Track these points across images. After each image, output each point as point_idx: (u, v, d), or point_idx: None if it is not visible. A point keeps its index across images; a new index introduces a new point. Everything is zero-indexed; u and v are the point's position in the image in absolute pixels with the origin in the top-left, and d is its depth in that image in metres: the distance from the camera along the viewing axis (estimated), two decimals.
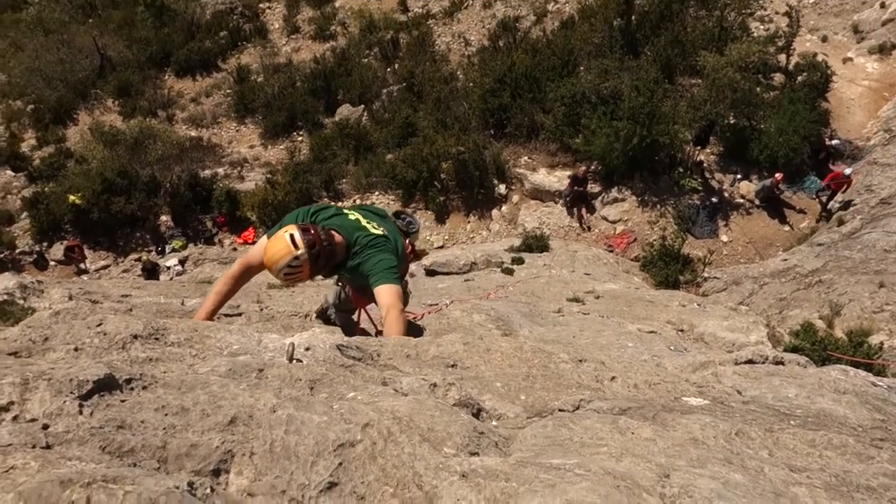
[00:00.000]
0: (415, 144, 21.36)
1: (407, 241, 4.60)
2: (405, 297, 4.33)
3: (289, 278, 3.72)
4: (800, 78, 21.30)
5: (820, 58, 22.07)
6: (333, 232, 3.88)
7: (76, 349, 2.20)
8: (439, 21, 28.67)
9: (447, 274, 14.56)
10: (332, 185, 22.37)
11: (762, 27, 23.62)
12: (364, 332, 4.98)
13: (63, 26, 31.60)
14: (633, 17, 22.74)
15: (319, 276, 4.24)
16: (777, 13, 23.85)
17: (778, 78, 21.73)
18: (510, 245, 17.21)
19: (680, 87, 21.37)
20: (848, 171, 18.26)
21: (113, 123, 25.69)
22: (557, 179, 20.26)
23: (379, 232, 4.05)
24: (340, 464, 1.51)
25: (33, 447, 1.36)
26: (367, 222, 4.10)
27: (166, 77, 29.67)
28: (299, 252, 3.60)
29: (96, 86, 28.94)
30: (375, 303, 4.19)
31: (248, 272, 4.07)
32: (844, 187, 18.42)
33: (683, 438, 1.97)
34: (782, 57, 21.74)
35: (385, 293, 3.82)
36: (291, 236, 3.62)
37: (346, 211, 4.19)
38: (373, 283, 3.86)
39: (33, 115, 27.99)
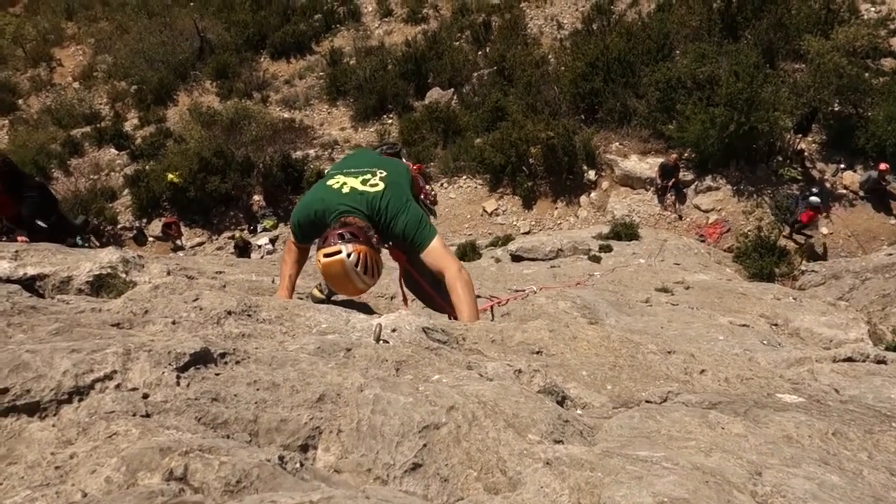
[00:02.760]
0: (504, 129, 21.23)
1: (405, 161, 4.42)
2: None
3: (369, 272, 3.46)
4: None
5: None
6: (349, 221, 3.58)
7: (174, 322, 2.28)
8: (532, 4, 28.38)
9: (533, 260, 14.49)
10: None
11: (873, 9, 22.45)
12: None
13: (166, 9, 32.73)
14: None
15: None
16: None
17: (889, 63, 20.63)
18: (598, 232, 16.99)
19: (782, 73, 20.56)
20: None
21: (210, 104, 26.48)
22: (649, 166, 19.84)
23: (380, 186, 3.79)
24: (425, 445, 1.52)
25: (134, 415, 1.42)
26: (362, 181, 3.82)
27: (262, 59, 30.36)
28: (343, 251, 3.37)
29: (195, 67, 29.87)
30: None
31: (303, 252, 4.08)
32: None
33: (777, 436, 1.91)
34: (894, 41, 20.62)
35: (433, 256, 3.72)
36: (326, 255, 3.40)
37: (333, 186, 3.85)
38: (417, 247, 3.74)
39: (136, 95, 29.11)
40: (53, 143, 26.34)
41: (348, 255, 3.37)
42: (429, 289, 4.42)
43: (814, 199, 17.14)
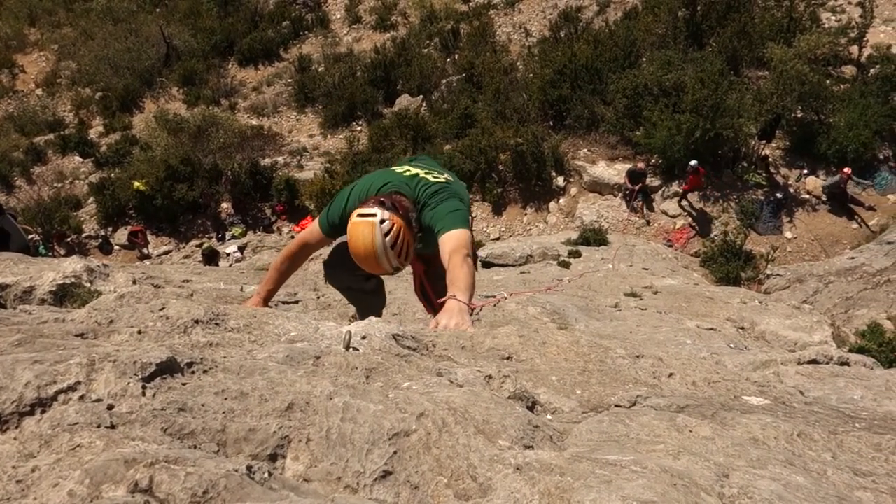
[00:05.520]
0: (473, 135, 21.32)
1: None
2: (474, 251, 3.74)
3: (398, 249, 3.23)
4: (872, 71, 20.58)
5: (895, 49, 21.29)
6: (395, 195, 3.37)
7: (140, 332, 2.26)
8: (500, 11, 28.55)
9: (503, 266, 14.54)
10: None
11: (833, 18, 22.88)
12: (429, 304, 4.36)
13: (131, 15, 32.42)
14: (699, 8, 22.30)
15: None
16: (850, 3, 23.06)
17: (849, 70, 21.06)
18: (567, 238, 17.10)
19: (746, 80, 20.90)
20: None
21: (177, 111, 26.28)
22: (617, 172, 20.02)
23: (441, 179, 3.62)
24: (395, 453, 1.52)
25: (98, 427, 1.39)
26: (426, 172, 3.66)
27: (230, 66, 30.19)
28: (378, 214, 3.17)
29: (162, 74, 29.61)
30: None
31: (306, 249, 3.89)
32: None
33: (743, 438, 1.93)
34: (854, 49, 21.04)
35: (448, 240, 3.36)
36: (360, 215, 3.22)
37: (396, 169, 3.75)
38: (437, 231, 3.41)
39: (101, 102, 28.79)
40: (16, 150, 25.94)
41: (381, 221, 3.16)
42: (437, 303, 4.15)
43: (693, 162, 17.85)
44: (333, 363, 2.06)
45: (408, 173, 3.61)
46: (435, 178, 3.60)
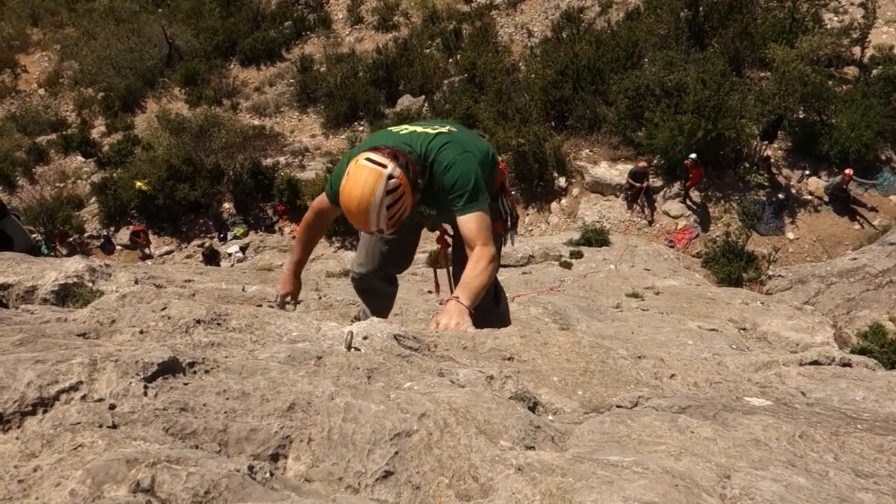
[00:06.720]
0: None
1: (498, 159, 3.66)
2: (498, 243, 3.47)
3: (392, 212, 3.00)
4: (875, 71, 20.56)
5: None
6: (410, 157, 3.11)
7: (142, 332, 2.26)
8: (502, 12, 28.53)
9: (504, 266, 14.52)
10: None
11: (836, 19, 22.86)
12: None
13: (133, 15, 32.42)
14: (701, 9, 22.28)
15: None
16: (852, 4, 23.03)
17: (851, 71, 21.05)
18: (569, 239, 17.09)
19: (748, 81, 20.89)
20: None
21: (179, 111, 26.27)
22: (619, 173, 20.02)
23: (444, 130, 3.34)
24: (396, 453, 1.52)
25: (100, 426, 1.39)
26: (424, 127, 3.39)
27: (231, 66, 30.18)
28: (389, 168, 2.93)
29: (164, 74, 29.62)
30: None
31: (319, 216, 3.71)
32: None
33: (745, 439, 1.93)
34: (856, 49, 21.04)
35: (466, 225, 3.17)
36: (369, 159, 2.97)
37: (392, 129, 3.50)
38: (454, 209, 3.20)
39: (103, 102, 28.79)
40: (18, 150, 25.94)
41: (390, 177, 2.94)
42: (441, 300, 3.92)
43: (692, 155, 17.92)
44: (335, 363, 2.06)
45: (405, 131, 3.37)
46: (435, 129, 3.35)
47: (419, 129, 3.38)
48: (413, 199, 3.08)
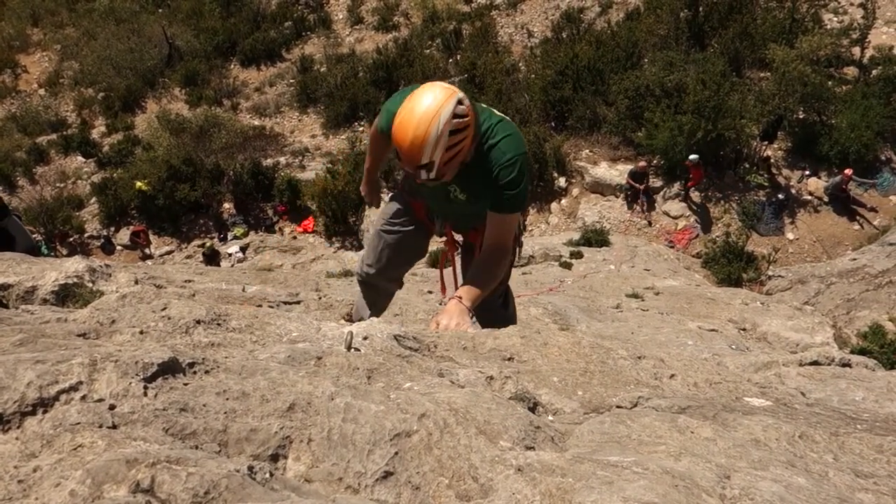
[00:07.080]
0: None
1: None
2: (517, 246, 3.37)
3: (451, 145, 2.73)
4: (875, 72, 20.54)
5: None
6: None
7: (142, 332, 2.26)
8: (502, 12, 28.51)
9: None
10: (391, 176, 22.52)
11: (836, 19, 22.86)
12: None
13: (133, 16, 32.37)
14: (701, 9, 22.29)
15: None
16: (852, 4, 23.02)
17: (851, 72, 21.04)
18: (569, 239, 17.09)
19: (748, 81, 20.88)
20: None
21: (179, 111, 26.23)
22: (619, 173, 20.01)
23: (507, 118, 3.19)
24: (396, 453, 1.52)
25: (100, 427, 1.40)
26: (495, 109, 3.24)
27: (232, 66, 30.14)
28: (466, 104, 2.71)
29: (164, 74, 29.57)
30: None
31: (377, 143, 3.66)
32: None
33: (745, 439, 1.93)
34: (856, 50, 21.03)
35: (500, 223, 3.06)
36: (443, 84, 2.77)
37: None
38: (497, 205, 3.04)
39: (103, 102, 28.73)
40: (18, 150, 25.89)
41: (460, 102, 2.71)
42: (445, 298, 3.82)
43: (693, 156, 17.88)
44: (335, 364, 2.06)
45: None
46: (501, 114, 3.20)
47: (485, 105, 3.19)
48: (471, 147, 2.87)
